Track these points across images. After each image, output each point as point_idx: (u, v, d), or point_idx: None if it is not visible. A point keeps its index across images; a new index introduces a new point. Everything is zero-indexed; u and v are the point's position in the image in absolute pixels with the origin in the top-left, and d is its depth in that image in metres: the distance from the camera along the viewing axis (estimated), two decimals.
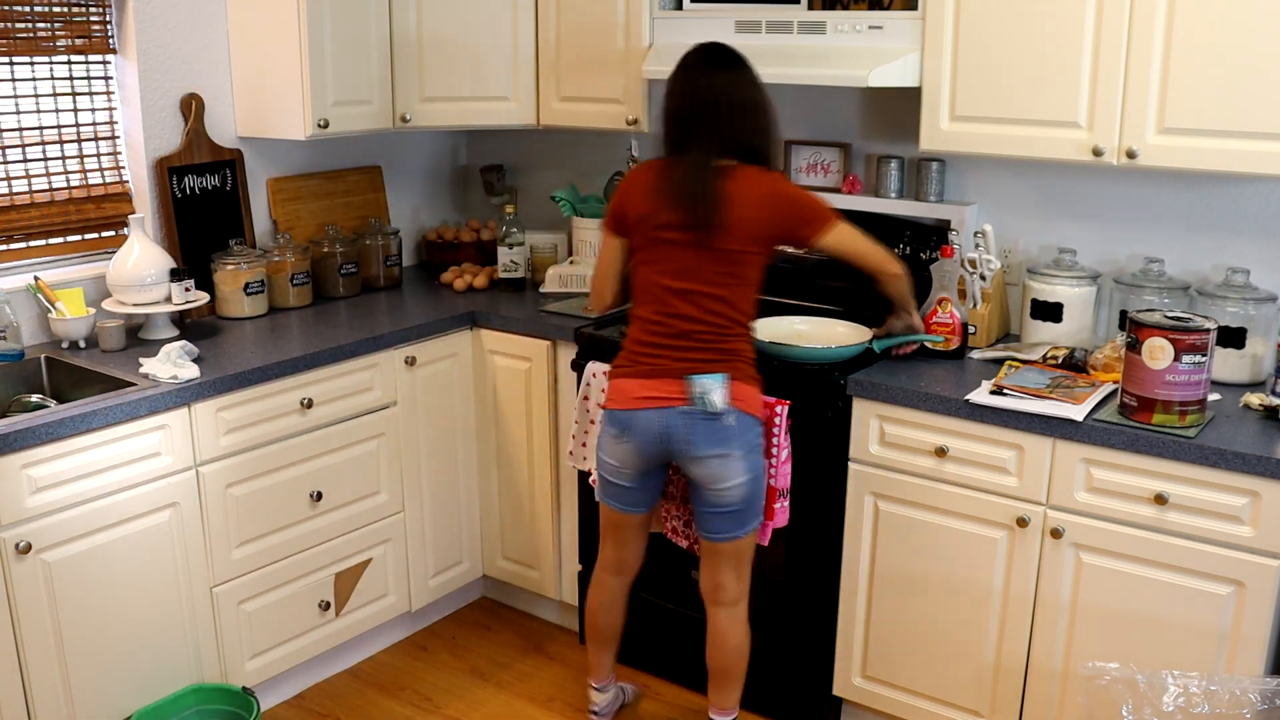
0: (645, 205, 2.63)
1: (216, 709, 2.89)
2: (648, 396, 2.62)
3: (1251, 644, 2.40)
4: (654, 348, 2.63)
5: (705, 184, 2.55)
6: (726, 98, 2.58)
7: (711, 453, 2.59)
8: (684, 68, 2.64)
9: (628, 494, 2.76)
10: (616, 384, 2.68)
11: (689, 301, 2.60)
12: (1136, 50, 2.57)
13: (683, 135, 2.61)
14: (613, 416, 2.68)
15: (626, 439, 2.66)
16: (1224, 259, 2.87)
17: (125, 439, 2.66)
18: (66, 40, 3.13)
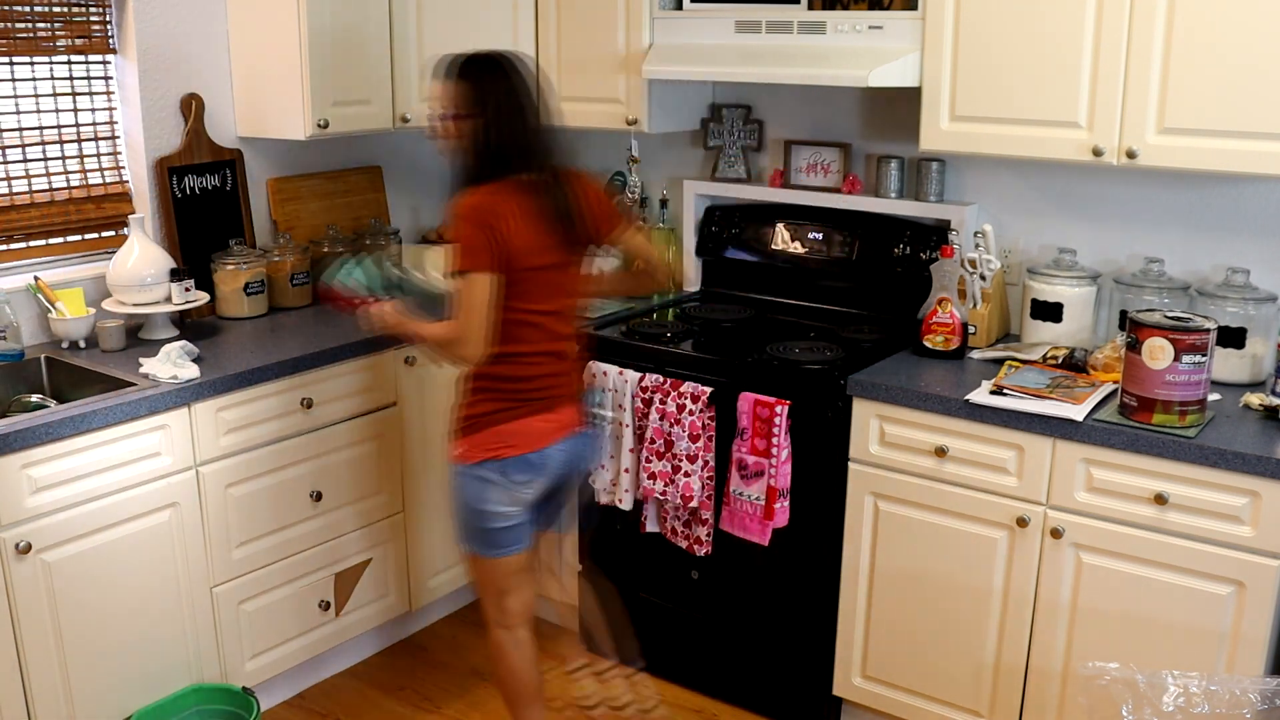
0: (527, 234, 2.40)
1: (216, 709, 2.89)
2: (553, 429, 2.51)
3: (1251, 644, 2.40)
4: (544, 379, 2.50)
5: (569, 197, 2.46)
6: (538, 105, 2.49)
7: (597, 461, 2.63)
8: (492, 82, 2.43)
9: (522, 530, 2.58)
10: (511, 428, 2.47)
11: (563, 322, 2.53)
12: (1136, 50, 2.57)
13: (523, 152, 2.44)
14: (522, 463, 2.48)
15: (536, 481, 2.52)
16: (1224, 259, 2.87)
17: (125, 439, 2.66)
18: (66, 40, 3.13)
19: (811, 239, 3.40)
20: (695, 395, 2.92)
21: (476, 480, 2.50)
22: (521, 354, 2.46)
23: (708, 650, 3.20)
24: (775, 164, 3.54)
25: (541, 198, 2.42)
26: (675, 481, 2.96)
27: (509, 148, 2.42)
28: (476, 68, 2.44)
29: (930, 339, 2.94)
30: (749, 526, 2.89)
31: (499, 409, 2.47)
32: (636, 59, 3.30)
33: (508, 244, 2.37)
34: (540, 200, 2.42)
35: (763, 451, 2.83)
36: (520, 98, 2.45)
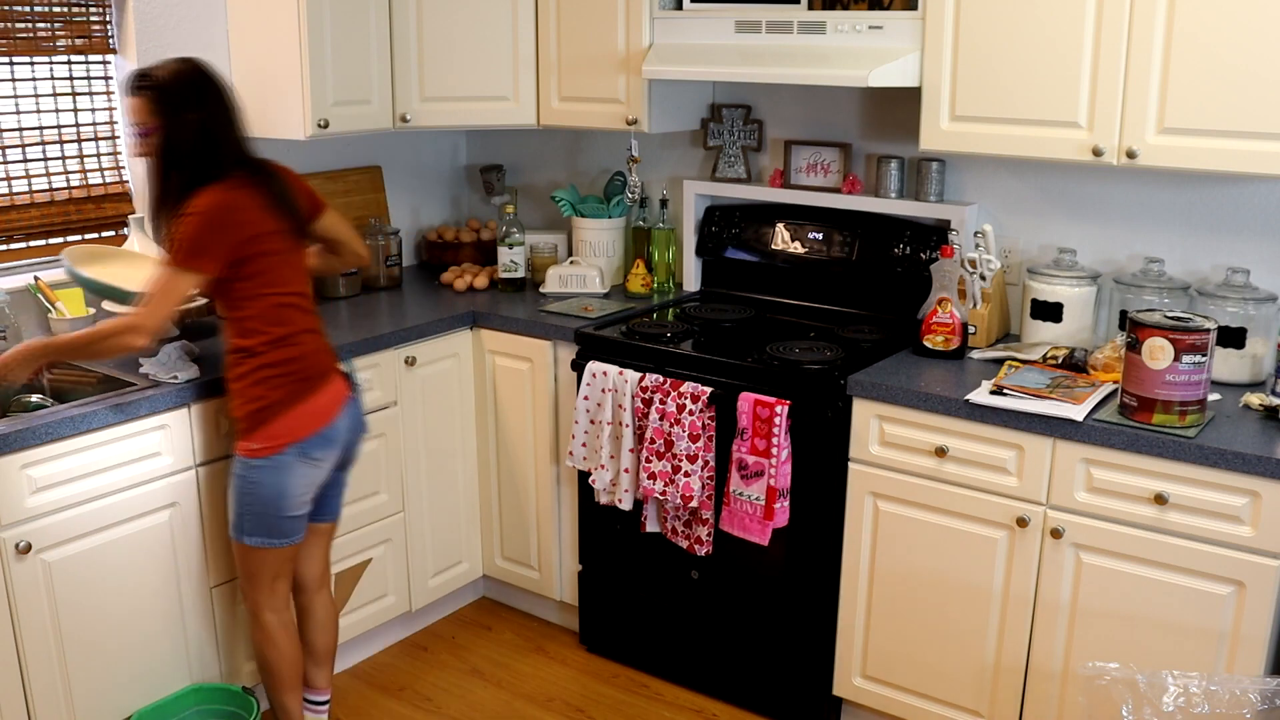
0: (265, 222, 2.53)
1: (216, 709, 2.89)
2: (332, 401, 2.62)
3: (1251, 644, 2.40)
4: (313, 355, 2.61)
5: (282, 184, 2.62)
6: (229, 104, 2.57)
7: (368, 428, 2.78)
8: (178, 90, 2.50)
9: (305, 518, 2.69)
10: (298, 411, 2.55)
11: (310, 300, 2.67)
12: (1136, 50, 2.57)
13: (231, 148, 2.54)
14: (321, 439, 2.58)
15: (332, 454, 2.64)
16: (1224, 259, 2.87)
17: (125, 439, 2.65)
18: (66, 40, 3.13)
19: (811, 239, 3.40)
20: (695, 395, 2.92)
21: (277, 469, 2.56)
22: (291, 335, 2.58)
23: (708, 650, 3.20)
24: (775, 164, 3.54)
25: (265, 189, 2.56)
26: (675, 481, 2.96)
27: (208, 148, 2.51)
28: (151, 80, 2.51)
29: (930, 339, 2.94)
30: (749, 526, 2.89)
31: (288, 393, 2.55)
32: (636, 59, 3.30)
33: (249, 235, 2.50)
34: (265, 191, 2.56)
35: (763, 451, 2.83)
36: (206, 99, 2.53)
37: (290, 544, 2.69)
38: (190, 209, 2.46)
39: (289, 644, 2.80)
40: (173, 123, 2.49)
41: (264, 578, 2.71)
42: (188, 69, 2.54)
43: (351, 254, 2.94)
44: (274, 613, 2.75)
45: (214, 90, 2.55)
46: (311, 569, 2.87)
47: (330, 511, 2.84)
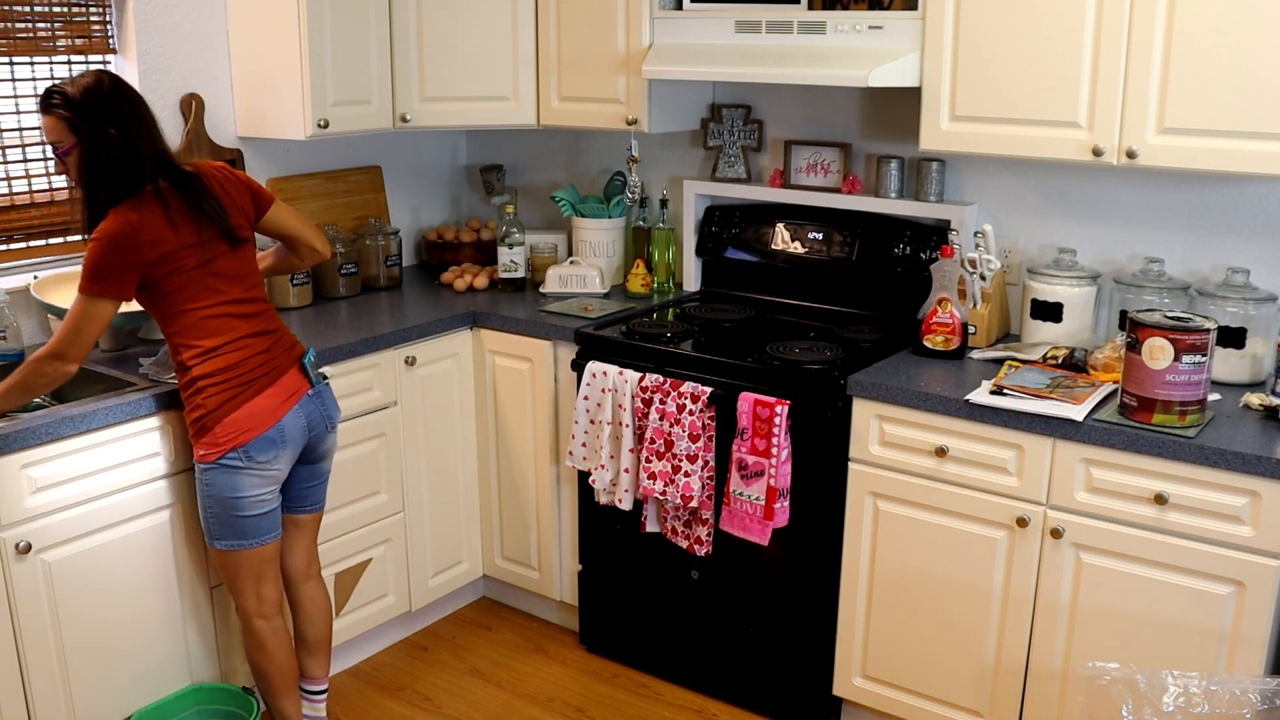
0: (178, 239, 2.48)
1: (216, 709, 2.89)
2: (281, 401, 2.60)
3: (1251, 644, 2.40)
4: (253, 359, 2.58)
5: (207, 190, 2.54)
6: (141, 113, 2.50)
7: (336, 420, 2.76)
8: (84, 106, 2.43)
9: (273, 516, 2.68)
10: (246, 411, 2.55)
11: (254, 303, 2.63)
12: (1136, 50, 2.57)
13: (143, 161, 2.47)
14: (263, 442, 2.57)
15: (282, 454, 2.62)
16: (1224, 259, 2.87)
17: (125, 439, 2.65)
18: (66, 40, 3.13)
19: (811, 239, 3.40)
20: (695, 395, 2.92)
21: (225, 472, 2.57)
22: (223, 345, 2.55)
23: (708, 650, 3.20)
24: (775, 164, 3.54)
25: (180, 200, 2.49)
26: (675, 481, 2.96)
27: (129, 161, 2.45)
28: (63, 97, 2.44)
29: (930, 339, 2.94)
30: (749, 526, 2.89)
31: (225, 400, 2.55)
32: (636, 59, 3.30)
33: (155, 257, 2.45)
34: (180, 203, 2.49)
35: (763, 451, 2.83)
36: (121, 111, 2.46)
37: (260, 544, 2.67)
38: (96, 233, 2.43)
39: (280, 650, 2.78)
40: (92, 139, 2.43)
41: (245, 581, 2.70)
42: (101, 82, 2.46)
43: (307, 249, 2.87)
44: (263, 619, 2.74)
45: (129, 102, 2.48)
46: (294, 561, 2.87)
47: (308, 503, 2.83)
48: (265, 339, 2.63)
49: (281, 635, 2.79)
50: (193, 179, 2.54)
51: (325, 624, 2.96)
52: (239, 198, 2.65)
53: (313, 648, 2.95)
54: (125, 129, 2.45)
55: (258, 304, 2.65)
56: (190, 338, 2.54)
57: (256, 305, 2.64)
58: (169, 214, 2.48)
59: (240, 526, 2.63)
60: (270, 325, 2.66)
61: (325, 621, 2.96)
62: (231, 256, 2.59)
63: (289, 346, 2.68)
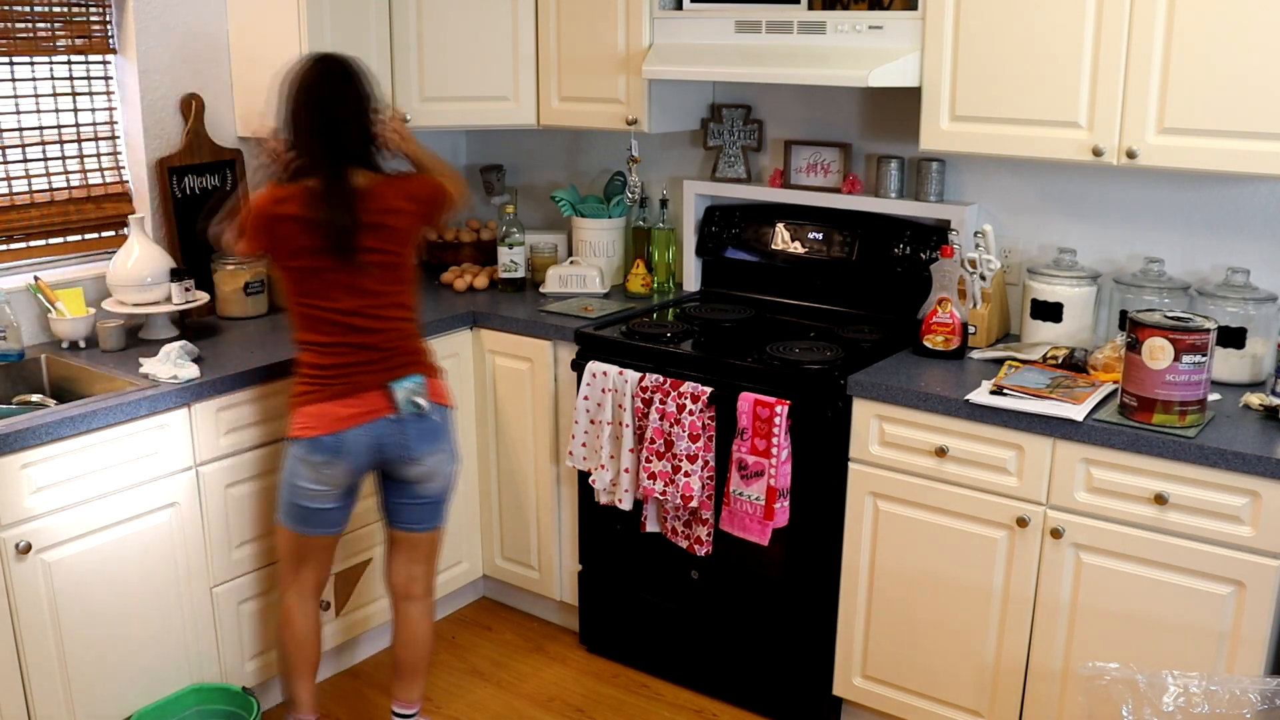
0: (298, 238, 2.56)
1: (216, 709, 2.89)
2: (352, 415, 2.61)
3: (1251, 644, 2.40)
4: (343, 367, 2.61)
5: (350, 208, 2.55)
6: (347, 114, 2.58)
7: (427, 451, 2.71)
8: (302, 89, 2.58)
9: (330, 515, 2.72)
10: (312, 410, 2.61)
11: (363, 315, 2.62)
12: (1136, 50, 2.57)
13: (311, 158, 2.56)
14: (317, 444, 2.60)
15: (336, 463, 2.63)
16: (1224, 259, 2.87)
17: (125, 439, 2.66)
18: (66, 40, 3.13)
19: (811, 239, 3.40)
20: (695, 395, 2.92)
21: (291, 456, 2.67)
22: (318, 343, 2.63)
23: (708, 650, 3.20)
24: (775, 164, 3.54)
25: (315, 207, 2.54)
26: (675, 481, 2.96)
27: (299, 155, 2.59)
28: (300, 76, 2.60)
29: (930, 339, 2.94)
30: (749, 526, 2.89)
31: (304, 392, 2.64)
32: (636, 59, 3.30)
33: (279, 246, 2.59)
34: (313, 209, 2.54)
35: (763, 451, 2.83)
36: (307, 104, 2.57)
37: (308, 534, 2.72)
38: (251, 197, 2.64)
39: (302, 629, 2.81)
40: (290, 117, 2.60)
41: (288, 559, 2.78)
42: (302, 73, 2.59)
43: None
44: (296, 597, 2.80)
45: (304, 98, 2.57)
46: (394, 577, 2.88)
47: (402, 520, 2.81)
48: (363, 354, 2.62)
49: (308, 619, 2.82)
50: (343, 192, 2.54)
51: (415, 648, 2.88)
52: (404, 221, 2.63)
53: (402, 670, 2.90)
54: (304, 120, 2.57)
55: (375, 321, 2.63)
56: (296, 324, 2.66)
57: (372, 322, 2.62)
58: (298, 212, 2.55)
59: (293, 510, 2.70)
60: (380, 345, 2.64)
61: (416, 646, 2.88)
62: (348, 271, 2.58)
63: (389, 369, 2.64)
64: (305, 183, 2.56)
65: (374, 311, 2.63)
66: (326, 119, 2.57)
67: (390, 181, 2.65)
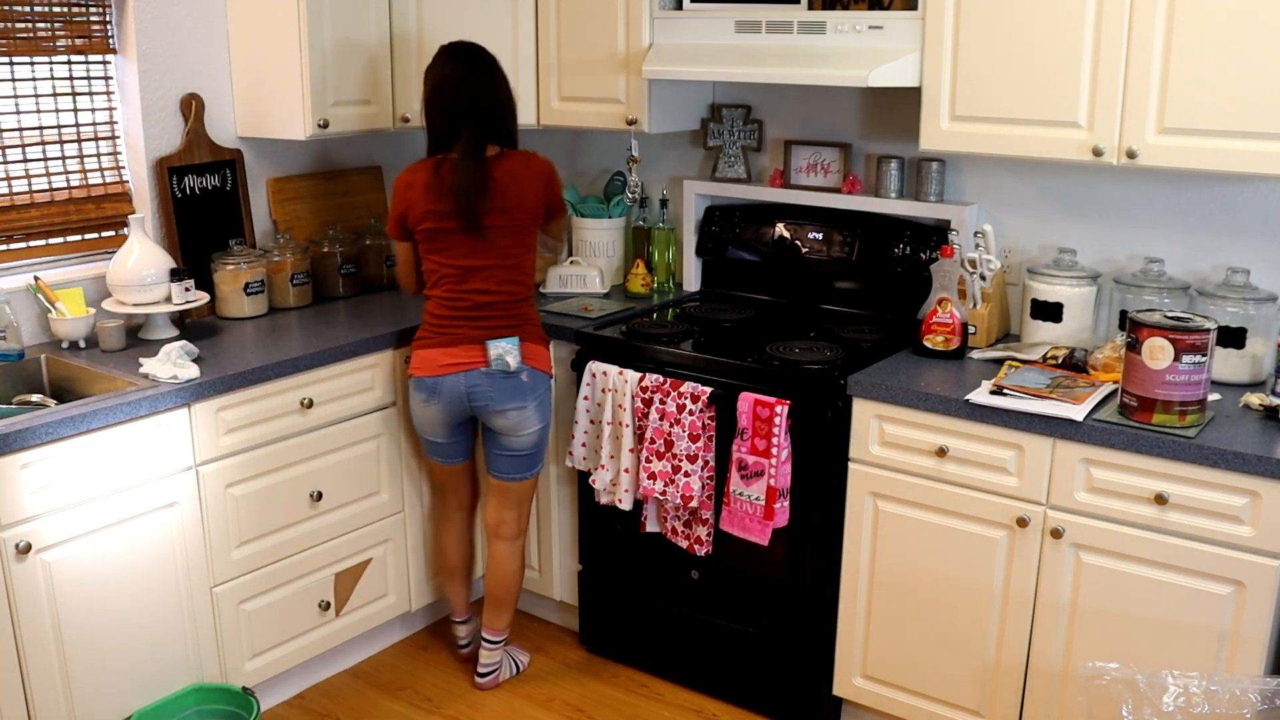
0: (423, 205, 2.92)
1: (216, 709, 2.89)
2: (451, 363, 2.96)
3: (1251, 644, 2.40)
4: (452, 320, 2.97)
5: (476, 174, 2.89)
6: (483, 95, 2.93)
7: (510, 406, 2.99)
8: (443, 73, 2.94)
9: (446, 448, 3.13)
10: (421, 354, 3.00)
11: (481, 278, 2.95)
12: (1136, 50, 2.57)
13: (449, 133, 2.93)
14: (420, 383, 3.00)
15: (434, 402, 3.00)
16: (1224, 259, 2.87)
17: (125, 439, 2.65)
18: (66, 40, 3.13)
19: (811, 239, 3.40)
20: (695, 395, 2.92)
21: (410, 390, 3.08)
22: (436, 296, 3.00)
23: (708, 650, 3.20)
24: (775, 164, 3.54)
25: (444, 175, 2.91)
26: (675, 481, 2.96)
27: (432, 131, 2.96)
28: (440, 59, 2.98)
29: (930, 339, 2.94)
30: (749, 526, 2.89)
31: (421, 337, 3.04)
32: (636, 59, 3.30)
33: (405, 217, 2.98)
34: (442, 177, 2.91)
35: (763, 451, 2.83)
36: (447, 85, 2.93)
37: (433, 461, 3.18)
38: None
39: (449, 543, 3.29)
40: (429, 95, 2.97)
41: (431, 485, 3.33)
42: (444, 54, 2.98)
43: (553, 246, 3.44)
44: (441, 518, 3.31)
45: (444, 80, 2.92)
46: (486, 517, 3.25)
47: (491, 468, 3.13)
48: (473, 309, 2.96)
49: (454, 527, 3.28)
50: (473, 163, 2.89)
51: (504, 582, 3.20)
52: (531, 194, 2.97)
53: (491, 602, 3.23)
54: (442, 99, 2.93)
55: (491, 282, 2.96)
56: (431, 279, 3.01)
57: (485, 281, 2.95)
58: (427, 181, 2.92)
59: (421, 440, 3.16)
60: (491, 301, 2.96)
61: (504, 580, 3.20)
62: (477, 234, 2.91)
63: (491, 328, 2.96)
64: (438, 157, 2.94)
65: (492, 274, 2.96)
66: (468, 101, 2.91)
67: (521, 158, 2.99)
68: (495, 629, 3.24)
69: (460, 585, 3.32)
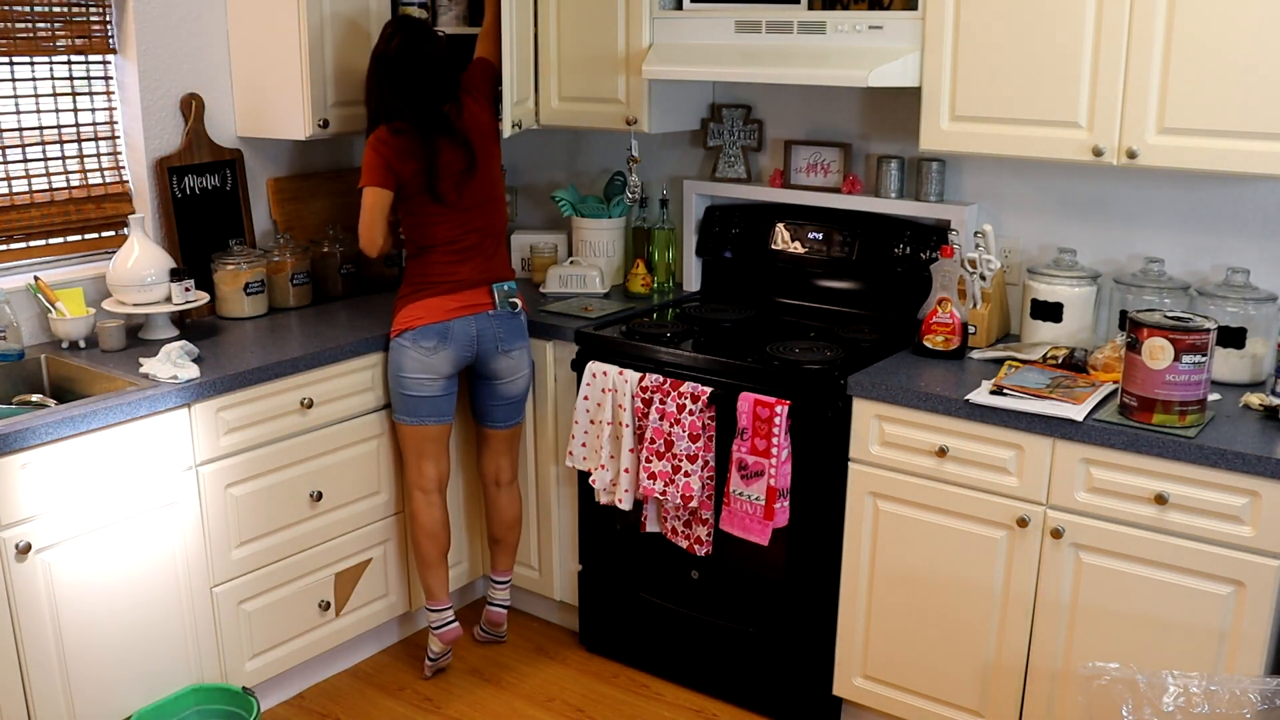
0: (414, 160, 2.98)
1: (216, 709, 2.89)
2: (459, 306, 3.05)
3: (1251, 644, 2.40)
4: (449, 266, 3.06)
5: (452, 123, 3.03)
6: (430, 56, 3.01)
7: (515, 346, 3.16)
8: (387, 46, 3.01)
9: (441, 403, 3.12)
10: (423, 303, 3.05)
11: (479, 224, 3.09)
12: (1137, 50, 2.57)
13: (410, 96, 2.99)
14: (428, 330, 3.03)
15: (443, 348, 3.05)
16: (1224, 259, 2.87)
17: (125, 439, 2.66)
18: (66, 40, 3.13)
19: (811, 239, 3.40)
20: (695, 395, 2.92)
21: (396, 350, 3.07)
22: (439, 246, 3.06)
23: (708, 650, 3.20)
24: (775, 164, 3.54)
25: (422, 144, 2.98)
26: (675, 481, 2.96)
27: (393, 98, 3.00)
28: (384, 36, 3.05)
29: (930, 339, 2.94)
30: (749, 526, 2.89)
31: (414, 290, 3.08)
32: (636, 59, 3.30)
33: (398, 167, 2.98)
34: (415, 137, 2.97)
35: (763, 451, 2.83)
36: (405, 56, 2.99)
37: (421, 423, 3.11)
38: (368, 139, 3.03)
39: (429, 523, 3.20)
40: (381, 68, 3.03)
41: (410, 454, 3.17)
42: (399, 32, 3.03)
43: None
44: (420, 490, 3.19)
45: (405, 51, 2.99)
46: (486, 468, 3.34)
47: (490, 420, 3.26)
48: (473, 255, 3.08)
49: (434, 511, 3.20)
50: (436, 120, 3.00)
51: (505, 527, 3.38)
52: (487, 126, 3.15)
53: (495, 546, 3.40)
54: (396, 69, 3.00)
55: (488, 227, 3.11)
56: (419, 235, 3.07)
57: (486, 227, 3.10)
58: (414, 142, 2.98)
59: (405, 403, 3.10)
60: (487, 246, 3.11)
61: (505, 525, 3.38)
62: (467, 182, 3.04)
63: (488, 271, 3.10)
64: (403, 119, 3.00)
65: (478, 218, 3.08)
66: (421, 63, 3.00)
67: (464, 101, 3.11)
68: (506, 569, 3.42)
69: (443, 569, 3.27)
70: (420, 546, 3.23)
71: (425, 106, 3.00)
